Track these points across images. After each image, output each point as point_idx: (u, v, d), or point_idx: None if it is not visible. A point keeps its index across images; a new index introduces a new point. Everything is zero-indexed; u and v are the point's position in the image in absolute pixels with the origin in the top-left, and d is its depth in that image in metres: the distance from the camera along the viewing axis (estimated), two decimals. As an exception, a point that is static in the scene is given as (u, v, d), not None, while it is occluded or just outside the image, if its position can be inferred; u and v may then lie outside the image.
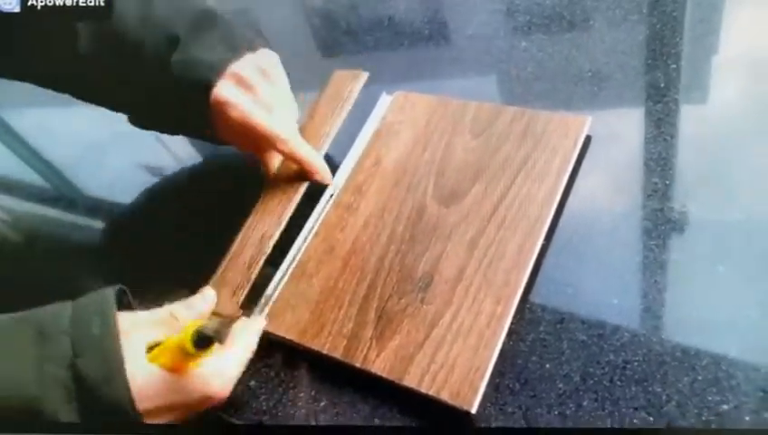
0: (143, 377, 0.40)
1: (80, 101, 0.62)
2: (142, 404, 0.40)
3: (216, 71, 0.52)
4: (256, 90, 0.53)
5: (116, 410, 0.39)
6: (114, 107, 0.61)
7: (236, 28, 0.55)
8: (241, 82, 0.53)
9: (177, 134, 0.63)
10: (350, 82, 0.61)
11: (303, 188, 0.56)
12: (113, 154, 0.76)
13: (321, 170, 0.55)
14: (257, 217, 0.56)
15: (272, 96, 0.54)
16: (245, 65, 0.53)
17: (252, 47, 0.54)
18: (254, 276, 0.51)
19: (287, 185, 0.57)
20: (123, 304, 0.45)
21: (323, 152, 0.57)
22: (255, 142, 0.55)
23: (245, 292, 0.51)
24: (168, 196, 0.67)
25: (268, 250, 0.53)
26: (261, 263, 0.52)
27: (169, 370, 0.42)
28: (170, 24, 0.53)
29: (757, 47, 0.60)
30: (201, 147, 0.70)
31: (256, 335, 0.47)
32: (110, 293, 0.43)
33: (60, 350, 0.39)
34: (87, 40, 0.53)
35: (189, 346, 0.40)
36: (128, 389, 0.39)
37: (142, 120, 0.61)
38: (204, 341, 0.41)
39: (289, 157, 0.55)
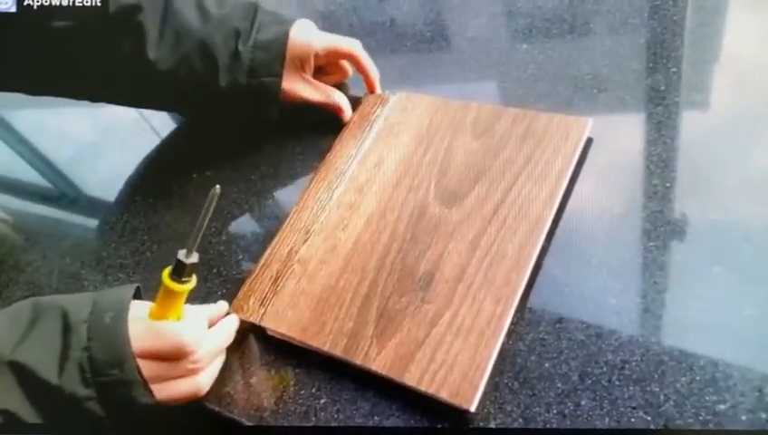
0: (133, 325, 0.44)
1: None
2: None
3: (284, 40, 0.61)
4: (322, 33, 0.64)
5: (127, 389, 0.43)
6: (180, 105, 0.69)
7: (274, 11, 0.64)
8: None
9: (243, 116, 0.66)
10: (377, 105, 0.65)
11: (332, 204, 0.57)
12: (110, 153, 0.77)
13: (376, 80, 0.66)
14: (286, 231, 0.56)
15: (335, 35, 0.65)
16: (301, 27, 0.63)
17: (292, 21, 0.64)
18: (279, 289, 0.52)
19: (316, 202, 0.58)
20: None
21: (350, 173, 0.59)
22: (333, 65, 0.67)
23: (272, 302, 0.52)
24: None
25: (294, 265, 0.53)
26: (287, 277, 0.53)
27: (161, 316, 0.45)
28: (228, 20, 0.60)
29: (757, 51, 0.60)
30: (195, 143, 0.71)
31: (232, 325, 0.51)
32: (127, 290, 0.47)
33: (78, 336, 0.43)
34: (158, 48, 0.59)
35: (168, 281, 0.44)
36: (137, 369, 0.43)
37: (207, 107, 0.66)
38: (178, 268, 0.44)
39: (362, 62, 0.65)
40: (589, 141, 0.56)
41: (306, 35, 0.62)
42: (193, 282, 0.45)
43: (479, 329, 0.45)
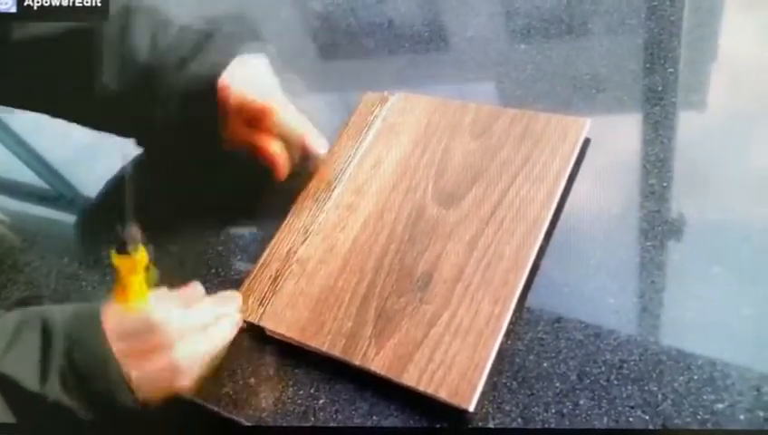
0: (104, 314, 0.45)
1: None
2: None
3: (217, 75, 0.57)
4: (251, 80, 0.57)
5: (110, 392, 0.44)
6: (128, 132, 0.66)
7: (231, 38, 0.59)
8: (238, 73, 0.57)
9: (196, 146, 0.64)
10: (376, 106, 0.64)
11: (331, 204, 0.57)
12: (108, 153, 0.77)
13: (313, 137, 0.58)
14: (285, 231, 0.56)
15: (261, 85, 0.58)
16: (235, 68, 0.57)
17: (245, 50, 0.59)
18: (278, 289, 0.52)
19: (314, 202, 0.58)
20: None
21: (348, 174, 0.59)
22: (254, 121, 0.57)
23: (271, 302, 0.52)
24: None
25: (293, 265, 0.53)
26: (285, 277, 0.53)
27: (124, 299, 0.46)
28: (173, 49, 0.58)
29: (753, 52, 0.60)
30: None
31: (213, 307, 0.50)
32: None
33: (59, 343, 0.44)
34: (108, 71, 0.58)
35: (114, 256, 0.45)
36: (121, 374, 0.43)
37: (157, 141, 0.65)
38: (120, 245, 0.45)
39: (282, 126, 0.57)
40: (586, 142, 0.56)
41: (236, 80, 0.57)
42: (139, 255, 0.46)
43: (477, 329, 0.45)
